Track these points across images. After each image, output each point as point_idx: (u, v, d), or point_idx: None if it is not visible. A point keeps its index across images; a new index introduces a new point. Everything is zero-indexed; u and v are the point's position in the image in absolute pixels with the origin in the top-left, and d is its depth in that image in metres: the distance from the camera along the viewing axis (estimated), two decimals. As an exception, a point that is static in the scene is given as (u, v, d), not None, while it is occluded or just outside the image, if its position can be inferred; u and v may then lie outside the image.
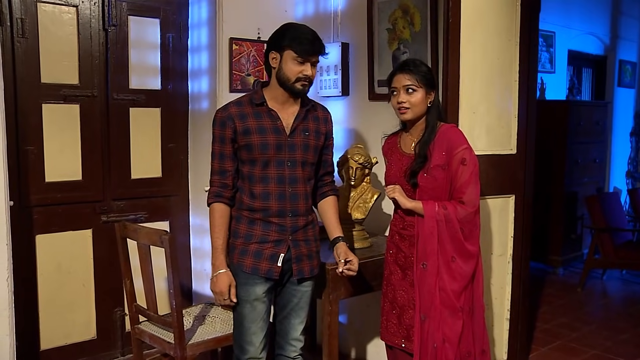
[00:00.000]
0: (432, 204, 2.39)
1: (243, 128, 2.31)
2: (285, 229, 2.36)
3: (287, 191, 2.34)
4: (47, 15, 3.20)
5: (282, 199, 2.34)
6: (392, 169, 2.54)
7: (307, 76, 2.29)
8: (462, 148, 2.38)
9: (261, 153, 2.31)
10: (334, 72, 3.59)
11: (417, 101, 2.39)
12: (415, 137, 2.49)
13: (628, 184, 7.41)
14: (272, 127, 2.33)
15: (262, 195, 2.33)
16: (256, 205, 2.34)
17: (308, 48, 2.26)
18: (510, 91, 3.13)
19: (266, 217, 2.34)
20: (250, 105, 2.35)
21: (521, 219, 3.23)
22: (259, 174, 2.34)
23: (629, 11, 7.28)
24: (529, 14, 3.14)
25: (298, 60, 2.27)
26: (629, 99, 7.56)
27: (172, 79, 3.69)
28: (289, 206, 2.35)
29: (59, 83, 3.27)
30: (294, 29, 2.32)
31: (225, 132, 2.34)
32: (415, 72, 2.38)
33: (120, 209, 3.55)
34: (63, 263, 3.36)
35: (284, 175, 2.34)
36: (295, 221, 2.37)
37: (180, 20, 3.69)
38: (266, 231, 2.35)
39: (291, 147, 2.34)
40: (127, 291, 2.88)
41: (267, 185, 2.33)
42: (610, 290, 5.40)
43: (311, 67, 2.30)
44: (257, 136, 2.31)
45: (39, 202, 3.25)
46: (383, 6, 3.34)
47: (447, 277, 2.39)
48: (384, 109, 3.32)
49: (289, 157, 2.34)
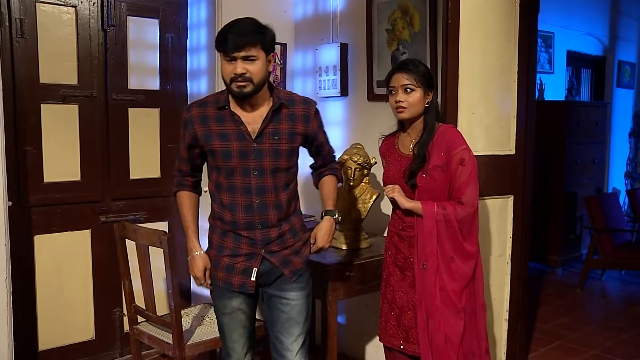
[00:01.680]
0: (431, 204, 2.38)
1: (204, 133, 2.16)
2: (255, 242, 2.19)
3: (254, 202, 2.15)
4: (46, 16, 3.19)
5: (249, 211, 2.16)
6: (391, 169, 2.54)
7: (238, 75, 2.03)
8: (461, 148, 2.38)
9: (224, 161, 2.14)
10: (333, 73, 3.58)
11: (414, 101, 2.38)
12: (413, 137, 2.48)
13: (627, 185, 7.42)
14: (236, 132, 2.13)
15: (229, 206, 2.18)
16: (226, 216, 2.19)
17: (225, 44, 2.03)
18: (509, 92, 3.13)
19: (235, 230, 2.19)
20: (214, 107, 2.17)
21: (520, 220, 3.23)
22: (225, 183, 2.18)
23: (628, 12, 7.29)
24: (527, 14, 3.14)
25: (226, 59, 2.06)
26: (628, 99, 7.56)
27: (171, 79, 3.69)
28: (257, 218, 2.17)
29: (58, 83, 3.27)
30: (225, 26, 2.09)
31: (185, 135, 2.22)
32: (414, 72, 2.38)
33: (119, 209, 3.55)
34: (62, 263, 3.36)
35: (250, 185, 2.15)
36: (266, 233, 2.19)
37: (180, 21, 3.69)
38: (237, 244, 2.21)
39: (258, 153, 2.13)
40: (126, 292, 2.88)
41: (233, 196, 2.17)
42: (609, 291, 5.40)
43: (243, 62, 2.03)
44: (218, 142, 2.14)
45: (37, 202, 3.24)
46: (382, 6, 3.34)
47: (447, 278, 2.39)
48: (383, 109, 3.31)
49: (255, 165, 2.14)
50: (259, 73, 2.07)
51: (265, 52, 2.09)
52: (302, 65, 3.88)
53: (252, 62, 2.04)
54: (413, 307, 2.45)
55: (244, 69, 2.03)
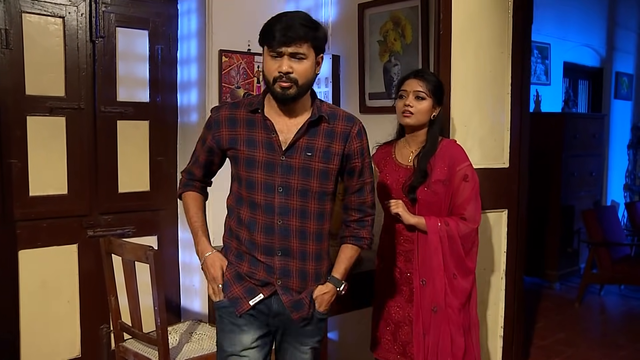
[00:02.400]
0: (435, 220, 2.37)
1: (230, 137, 1.94)
2: (272, 270, 1.93)
3: (275, 223, 1.90)
4: (32, 26, 3.15)
5: (269, 233, 1.91)
6: (388, 179, 2.50)
7: (283, 73, 1.81)
8: (465, 165, 2.39)
9: (247, 170, 1.91)
10: (325, 85, 3.55)
11: (423, 109, 2.38)
12: (413, 148, 2.46)
13: (626, 197, 7.36)
14: (265, 140, 1.90)
15: (248, 223, 1.93)
16: (242, 234, 1.95)
17: (272, 36, 1.80)
18: (503, 104, 3.09)
19: (252, 252, 1.93)
20: (245, 110, 1.95)
21: (515, 234, 3.18)
22: (246, 197, 1.93)
23: (625, 23, 7.28)
24: (521, 25, 3.11)
25: (271, 54, 1.83)
26: (626, 111, 7.53)
27: (161, 91, 3.64)
28: (278, 243, 1.91)
29: (45, 95, 3.21)
30: (272, 18, 1.87)
31: (207, 137, 2.01)
32: (429, 81, 2.40)
33: (107, 223, 3.49)
34: (47, 279, 3.29)
35: (273, 203, 1.89)
36: (286, 263, 1.92)
37: (170, 32, 3.64)
38: (253, 268, 1.95)
39: (286, 168, 1.89)
40: (112, 308, 2.82)
41: (254, 213, 1.92)
42: (608, 306, 5.33)
43: (290, 60, 1.81)
44: (244, 148, 1.91)
45: (22, 216, 3.18)
46: (374, 18, 3.31)
47: (449, 294, 2.38)
48: (376, 121, 3.27)
49: (281, 181, 1.89)
50: (306, 74, 1.84)
51: (315, 51, 1.86)
52: (294, 77, 3.83)
53: (300, 60, 1.81)
54: (410, 322, 2.43)
55: (290, 67, 1.80)
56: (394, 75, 3.24)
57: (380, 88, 3.31)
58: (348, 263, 2.04)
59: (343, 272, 2.03)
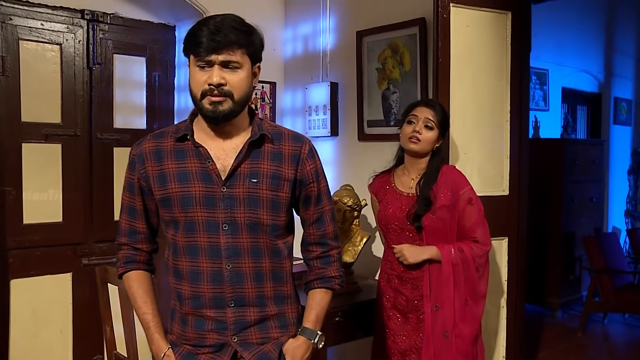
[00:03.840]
0: (448, 248, 2.36)
1: (158, 175, 1.60)
2: (225, 327, 1.59)
3: (224, 269, 1.57)
4: (29, 53, 3.14)
5: (217, 281, 1.58)
6: (389, 208, 2.47)
7: (214, 86, 1.50)
8: (467, 188, 2.41)
9: (183, 211, 1.57)
10: (323, 112, 3.52)
11: (430, 138, 2.40)
12: (413, 175, 2.46)
13: (627, 224, 7.30)
14: (200, 171, 1.58)
15: (190, 274, 1.59)
16: (184, 290, 1.61)
17: (198, 43, 1.49)
18: (502, 131, 3.06)
19: (198, 309, 1.60)
20: (172, 139, 1.62)
21: (515, 262, 3.13)
22: (183, 244, 1.59)
23: (622, 48, 7.31)
24: (519, 53, 3.09)
25: (198, 65, 1.52)
26: (626, 136, 7.51)
27: (157, 118, 3.63)
28: (229, 292, 1.58)
29: (41, 122, 3.20)
30: (198, 22, 1.56)
31: (133, 178, 1.64)
32: (439, 113, 2.42)
33: (102, 252, 3.44)
34: (39, 309, 3.23)
35: (219, 244, 1.57)
36: (242, 314, 1.60)
37: (167, 59, 3.64)
38: (200, 332, 1.60)
39: (229, 201, 1.57)
40: (107, 338, 2.76)
41: (195, 260, 1.58)
42: (612, 335, 5.23)
43: (221, 70, 1.51)
44: (175, 185, 1.58)
45: (15, 244, 3.14)
46: (372, 45, 3.30)
47: (462, 323, 2.36)
48: (374, 149, 3.25)
49: (225, 216, 1.56)
50: (242, 86, 1.54)
51: (251, 59, 1.57)
52: (292, 104, 3.83)
53: (234, 70, 1.52)
54: (417, 350, 2.40)
55: (222, 78, 1.51)
56: (392, 102, 3.22)
57: (379, 115, 3.29)
58: (319, 309, 1.71)
59: (314, 320, 1.69)
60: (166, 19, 3.65)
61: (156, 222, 1.72)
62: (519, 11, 3.06)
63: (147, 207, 1.67)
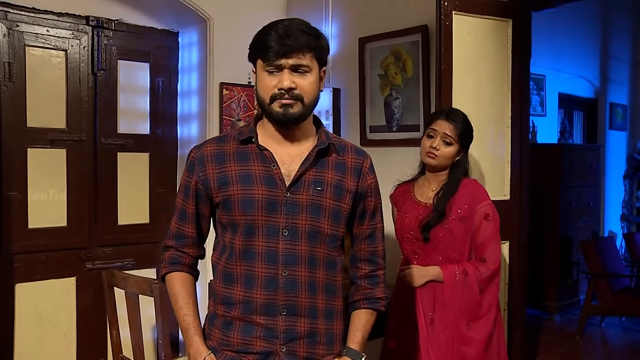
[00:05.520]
0: (452, 269, 2.33)
1: (219, 177, 1.58)
2: (275, 335, 1.55)
3: (279, 275, 1.54)
4: (35, 59, 3.17)
5: (271, 287, 1.54)
6: (407, 217, 2.45)
7: (285, 90, 1.50)
8: (485, 203, 2.37)
9: (243, 214, 1.54)
10: (326, 118, 3.55)
11: (448, 154, 2.37)
12: (433, 186, 2.43)
13: (623, 228, 7.35)
14: (264, 174, 1.56)
15: (244, 278, 1.56)
16: (234, 295, 1.57)
17: (267, 47, 1.49)
18: (503, 137, 3.10)
19: (248, 315, 1.55)
20: (235, 142, 1.62)
21: (516, 266, 3.16)
22: (240, 247, 1.56)
23: (618, 54, 7.38)
24: (520, 60, 3.14)
25: (267, 69, 1.52)
26: (621, 141, 7.58)
27: (161, 123, 3.65)
28: (283, 299, 1.54)
29: (46, 127, 3.22)
30: (265, 26, 1.56)
31: (191, 181, 1.63)
32: (459, 126, 2.37)
33: (106, 256, 3.46)
34: (44, 313, 3.24)
35: (277, 250, 1.54)
36: (293, 324, 1.55)
37: (171, 65, 3.67)
38: (247, 338, 1.56)
39: (291, 206, 1.55)
40: (114, 342, 2.77)
41: (251, 264, 1.55)
42: (610, 338, 5.27)
43: (291, 74, 1.50)
44: (238, 187, 1.55)
45: (21, 249, 3.15)
46: (375, 52, 3.34)
47: (464, 346, 2.32)
48: (377, 155, 3.25)
49: (286, 222, 1.54)
50: (311, 90, 1.53)
51: (319, 63, 1.56)
52: (295, 110, 3.85)
53: (303, 74, 1.51)
54: None
55: (292, 82, 1.50)
56: (394, 108, 3.26)
57: (381, 121, 3.32)
58: (365, 330, 1.67)
59: (360, 342, 1.65)
60: (170, 25, 3.68)
61: (206, 228, 1.71)
62: (520, 19, 3.10)
63: (200, 212, 1.66)
